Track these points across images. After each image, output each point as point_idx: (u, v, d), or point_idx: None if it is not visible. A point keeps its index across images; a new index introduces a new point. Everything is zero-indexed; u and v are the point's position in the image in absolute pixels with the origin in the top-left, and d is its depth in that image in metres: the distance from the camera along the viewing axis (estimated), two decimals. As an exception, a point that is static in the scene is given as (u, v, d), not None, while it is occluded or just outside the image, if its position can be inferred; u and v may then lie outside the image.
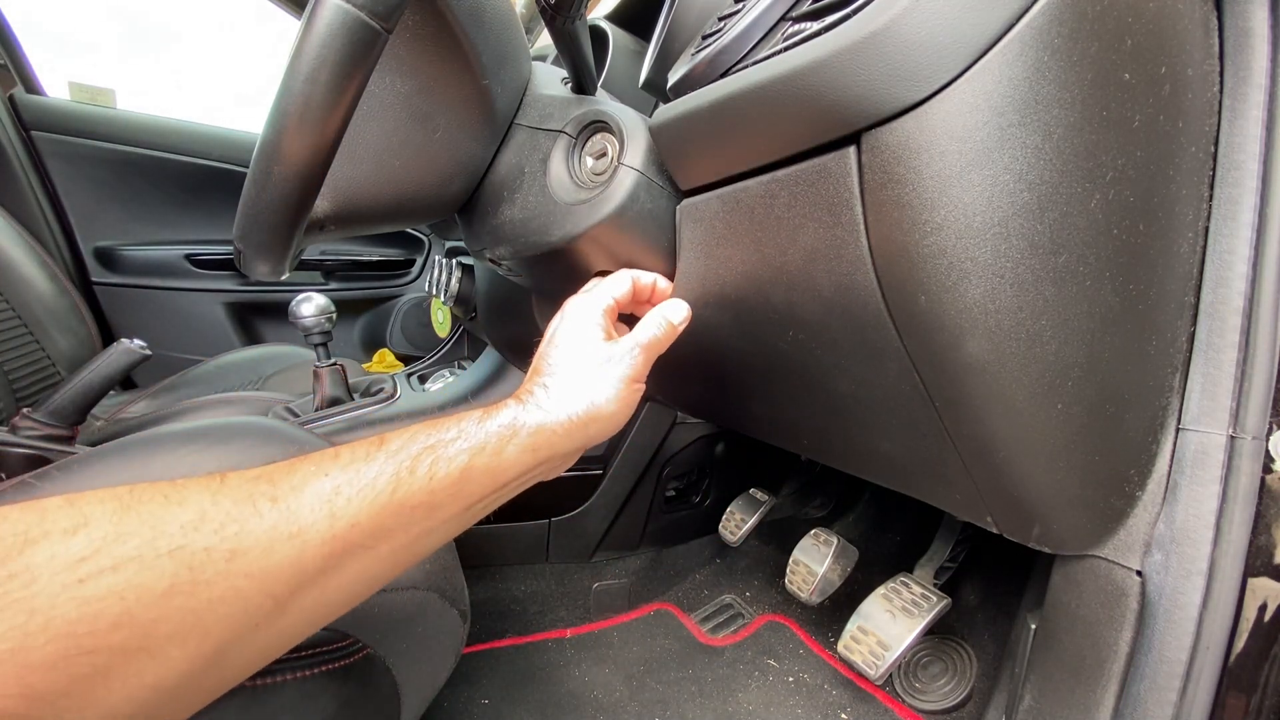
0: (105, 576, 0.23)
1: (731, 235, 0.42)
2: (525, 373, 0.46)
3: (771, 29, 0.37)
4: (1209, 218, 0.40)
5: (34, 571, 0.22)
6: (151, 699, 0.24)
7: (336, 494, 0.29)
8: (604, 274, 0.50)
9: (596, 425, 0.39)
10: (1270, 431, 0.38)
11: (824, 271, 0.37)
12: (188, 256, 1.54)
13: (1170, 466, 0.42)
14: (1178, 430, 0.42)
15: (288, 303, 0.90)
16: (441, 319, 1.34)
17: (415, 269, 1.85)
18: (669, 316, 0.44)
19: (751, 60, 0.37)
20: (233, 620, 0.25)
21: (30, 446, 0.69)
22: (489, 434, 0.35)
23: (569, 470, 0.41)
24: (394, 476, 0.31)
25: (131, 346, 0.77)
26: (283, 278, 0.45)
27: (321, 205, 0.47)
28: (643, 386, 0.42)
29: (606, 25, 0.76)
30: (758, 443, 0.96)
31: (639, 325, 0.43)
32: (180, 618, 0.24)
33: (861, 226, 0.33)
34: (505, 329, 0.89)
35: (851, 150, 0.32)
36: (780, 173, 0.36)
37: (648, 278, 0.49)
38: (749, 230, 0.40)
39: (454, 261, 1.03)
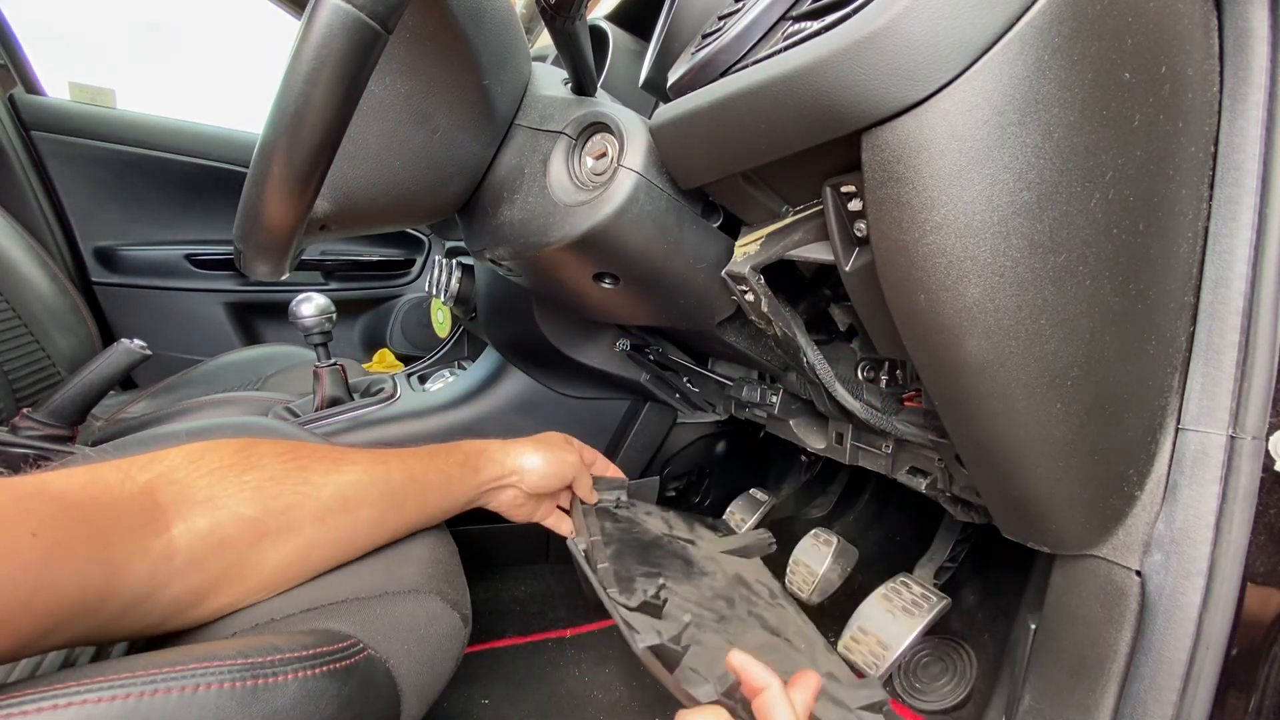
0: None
1: None
2: (525, 373, 0.49)
3: (771, 28, 0.37)
4: (1209, 218, 0.40)
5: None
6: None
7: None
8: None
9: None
10: (1270, 431, 0.38)
11: None
12: (188, 256, 1.54)
13: (1170, 466, 0.42)
14: (1177, 430, 0.42)
15: (288, 303, 0.90)
16: (441, 319, 1.34)
17: (415, 269, 1.85)
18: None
19: (751, 60, 0.37)
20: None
21: (30, 446, 0.69)
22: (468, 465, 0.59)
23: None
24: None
25: (131, 346, 0.78)
26: (283, 278, 0.45)
27: (321, 205, 0.47)
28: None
29: (606, 25, 0.76)
30: (758, 442, 0.96)
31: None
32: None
33: None
34: (505, 329, 0.89)
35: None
36: None
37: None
38: None
39: (454, 261, 1.03)
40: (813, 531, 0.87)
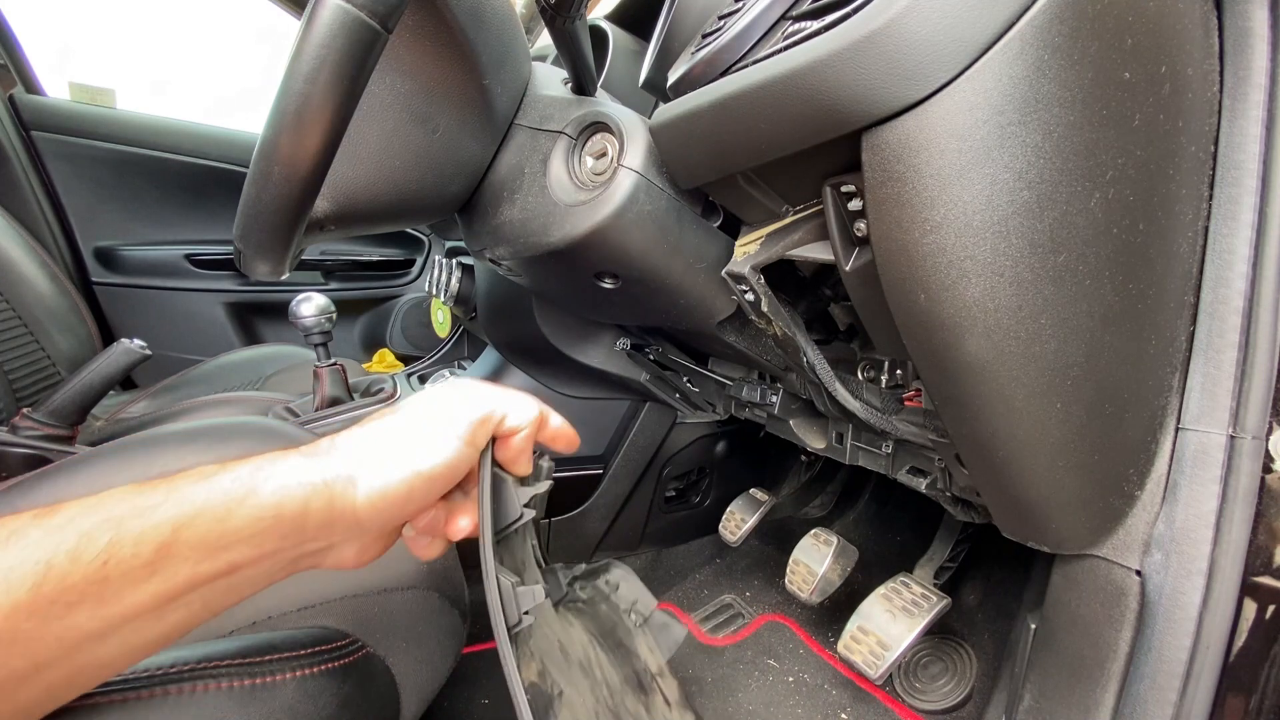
0: None
1: None
2: (525, 373, 0.42)
3: (772, 28, 0.37)
4: (1209, 217, 0.40)
5: None
6: None
7: None
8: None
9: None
10: (1270, 431, 0.38)
11: None
12: (188, 256, 1.54)
13: (1170, 466, 0.42)
14: (1177, 430, 0.42)
15: (288, 303, 0.90)
16: (441, 319, 1.34)
17: (415, 269, 1.85)
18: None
19: (751, 59, 0.37)
20: None
21: (30, 446, 0.69)
22: (214, 492, 0.26)
23: (570, 470, 0.40)
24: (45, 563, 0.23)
25: (131, 346, 0.78)
26: (283, 278, 0.45)
27: (321, 205, 0.47)
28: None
29: (606, 25, 0.76)
30: (758, 442, 0.96)
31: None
32: None
33: None
34: (505, 329, 0.89)
35: None
36: None
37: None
38: None
39: (454, 261, 1.03)
40: (812, 531, 0.87)
